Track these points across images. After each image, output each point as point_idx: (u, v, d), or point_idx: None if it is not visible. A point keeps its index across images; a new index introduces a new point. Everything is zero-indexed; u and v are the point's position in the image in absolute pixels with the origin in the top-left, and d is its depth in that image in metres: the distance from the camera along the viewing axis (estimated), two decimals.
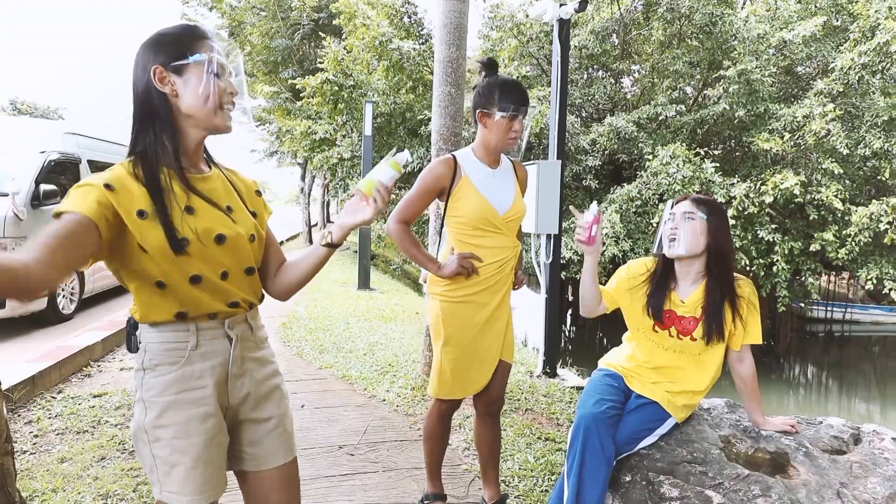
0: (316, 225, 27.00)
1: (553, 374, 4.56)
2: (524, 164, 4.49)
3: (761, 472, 1.91)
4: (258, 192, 1.43)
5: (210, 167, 1.33)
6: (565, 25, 4.48)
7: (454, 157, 2.09)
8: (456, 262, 2.01)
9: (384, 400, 3.79)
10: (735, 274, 2.05)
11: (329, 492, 2.57)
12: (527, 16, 12.75)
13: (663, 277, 2.08)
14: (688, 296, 2.05)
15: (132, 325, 1.24)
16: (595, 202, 2.02)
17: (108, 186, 1.11)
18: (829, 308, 16.97)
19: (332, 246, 1.35)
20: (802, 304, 15.12)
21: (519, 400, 3.80)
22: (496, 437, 2.31)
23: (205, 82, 1.19)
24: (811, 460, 1.91)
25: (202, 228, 1.20)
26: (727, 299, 2.01)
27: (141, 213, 1.13)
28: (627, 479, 1.95)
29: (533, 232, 4.43)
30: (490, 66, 2.09)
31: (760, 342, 2.08)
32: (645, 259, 2.17)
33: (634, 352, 2.16)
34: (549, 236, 4.48)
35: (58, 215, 1.05)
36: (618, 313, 2.20)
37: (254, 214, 1.35)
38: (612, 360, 2.23)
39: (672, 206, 2.06)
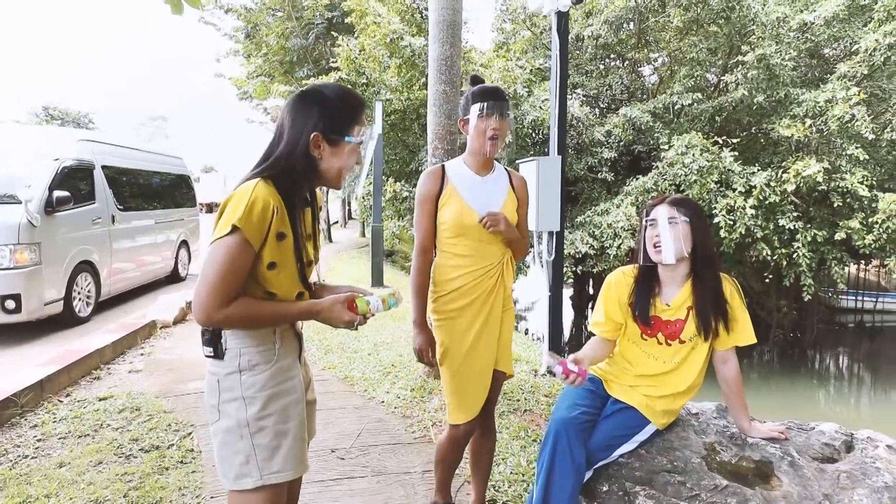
0: (336, 223, 27.20)
1: None
2: (523, 160, 4.44)
3: (744, 483, 1.84)
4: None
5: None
6: (563, 18, 4.38)
7: (443, 166, 2.10)
8: (421, 344, 2.05)
9: (382, 402, 3.79)
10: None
11: (316, 497, 2.57)
12: (525, 9, 12.59)
13: (646, 284, 2.02)
14: (672, 298, 1.99)
15: (215, 334, 1.36)
16: (548, 356, 1.91)
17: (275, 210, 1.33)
18: (859, 297, 16.42)
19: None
20: (831, 294, 14.68)
21: (518, 401, 3.76)
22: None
23: (348, 162, 1.45)
24: (796, 470, 1.83)
25: (313, 254, 1.48)
26: (713, 297, 1.94)
27: (280, 236, 1.34)
28: (604, 488, 1.89)
29: (534, 230, 4.36)
30: (474, 80, 2.11)
31: (754, 341, 2.00)
32: (623, 269, 2.11)
33: (618, 355, 2.10)
34: (550, 233, 4.41)
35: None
36: None
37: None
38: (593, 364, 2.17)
39: (649, 211, 1.99)
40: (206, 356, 1.40)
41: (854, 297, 16.39)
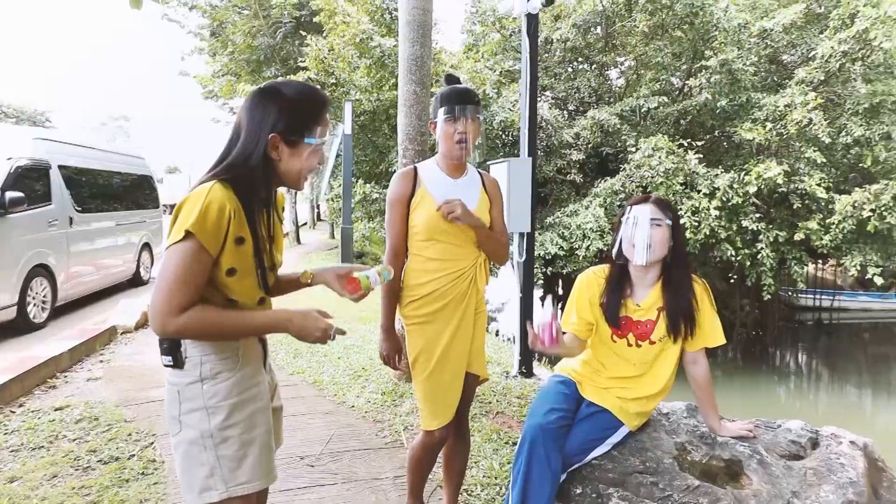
0: (305, 224, 26.84)
1: (529, 374, 4.50)
2: (494, 161, 4.43)
3: (715, 482, 1.86)
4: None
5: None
6: (533, 20, 4.39)
7: (416, 168, 2.05)
8: (388, 350, 2.07)
9: (353, 406, 3.72)
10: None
11: None
12: (495, 11, 12.65)
13: (618, 285, 2.02)
14: (643, 299, 2.00)
15: (174, 343, 1.31)
16: (548, 303, 1.91)
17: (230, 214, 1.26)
18: (817, 296, 17.01)
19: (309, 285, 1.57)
20: (790, 293, 15.15)
21: (490, 403, 3.74)
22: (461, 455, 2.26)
23: (308, 164, 1.37)
24: (764, 468, 1.85)
25: (276, 260, 1.44)
26: (683, 300, 1.95)
27: (239, 240, 1.28)
28: (578, 490, 1.89)
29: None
30: (448, 79, 2.07)
31: (723, 342, 2.02)
32: (594, 269, 2.11)
33: (591, 357, 2.10)
34: (521, 234, 4.41)
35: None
36: None
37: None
38: (567, 365, 2.17)
39: (630, 209, 1.98)
40: (166, 366, 1.33)
41: (812, 296, 16.96)
